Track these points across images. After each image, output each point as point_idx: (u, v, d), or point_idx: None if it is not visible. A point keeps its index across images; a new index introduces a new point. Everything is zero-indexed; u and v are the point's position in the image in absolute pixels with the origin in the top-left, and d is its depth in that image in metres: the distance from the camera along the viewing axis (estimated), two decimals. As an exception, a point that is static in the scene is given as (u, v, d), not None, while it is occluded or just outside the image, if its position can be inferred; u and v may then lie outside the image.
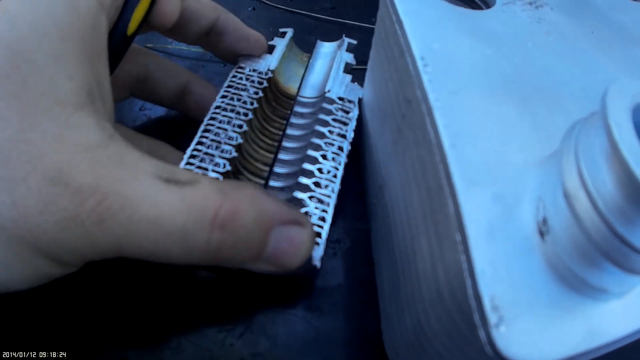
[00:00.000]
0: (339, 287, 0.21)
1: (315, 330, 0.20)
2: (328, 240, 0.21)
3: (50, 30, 0.15)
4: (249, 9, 0.39)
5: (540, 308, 0.11)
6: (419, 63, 0.14)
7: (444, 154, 0.12)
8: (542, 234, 0.11)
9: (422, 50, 0.14)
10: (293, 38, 0.29)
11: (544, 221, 0.11)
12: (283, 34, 0.29)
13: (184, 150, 0.21)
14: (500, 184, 0.12)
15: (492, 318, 0.10)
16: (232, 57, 0.26)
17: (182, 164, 0.20)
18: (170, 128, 0.28)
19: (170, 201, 0.14)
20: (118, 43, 0.18)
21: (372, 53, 0.24)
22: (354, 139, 0.23)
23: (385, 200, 0.20)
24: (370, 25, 0.37)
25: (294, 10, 0.39)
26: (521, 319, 0.10)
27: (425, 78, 0.13)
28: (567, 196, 0.10)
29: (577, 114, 0.14)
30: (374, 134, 0.23)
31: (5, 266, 0.14)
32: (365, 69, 0.26)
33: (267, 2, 0.40)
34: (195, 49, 0.34)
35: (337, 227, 0.23)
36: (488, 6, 0.19)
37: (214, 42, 0.25)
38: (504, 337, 0.10)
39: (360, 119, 0.25)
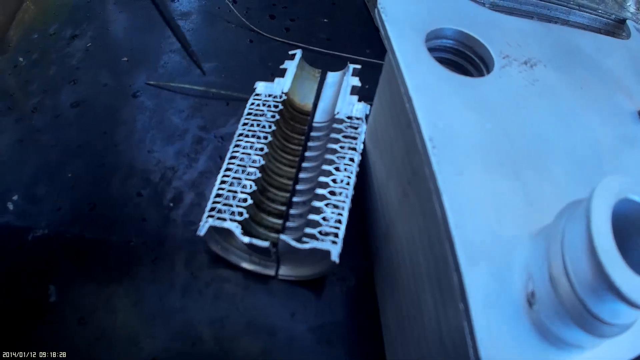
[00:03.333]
0: (345, 320, 0.23)
1: (326, 359, 0.22)
2: (335, 277, 0.24)
3: None
4: (247, 41, 0.40)
5: (528, 362, 0.13)
6: (428, 144, 0.16)
7: (450, 233, 0.14)
8: (530, 303, 0.13)
9: (430, 130, 0.17)
10: (303, 58, 0.32)
11: (532, 294, 0.13)
12: (292, 56, 0.31)
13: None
14: (495, 261, 0.14)
15: (489, 374, 0.12)
16: None
17: (215, 189, 0.23)
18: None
19: None
20: None
21: (376, 102, 0.26)
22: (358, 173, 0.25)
23: (390, 248, 0.22)
24: (364, 58, 0.39)
25: (290, 42, 0.40)
26: (512, 373, 0.13)
27: (433, 160, 0.16)
28: (552, 279, 0.13)
29: (563, 180, 0.17)
30: (378, 180, 0.25)
31: None
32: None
33: (265, 35, 0.41)
34: (199, 87, 0.35)
35: (343, 265, 0.25)
36: (488, 69, 0.21)
37: None
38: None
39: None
